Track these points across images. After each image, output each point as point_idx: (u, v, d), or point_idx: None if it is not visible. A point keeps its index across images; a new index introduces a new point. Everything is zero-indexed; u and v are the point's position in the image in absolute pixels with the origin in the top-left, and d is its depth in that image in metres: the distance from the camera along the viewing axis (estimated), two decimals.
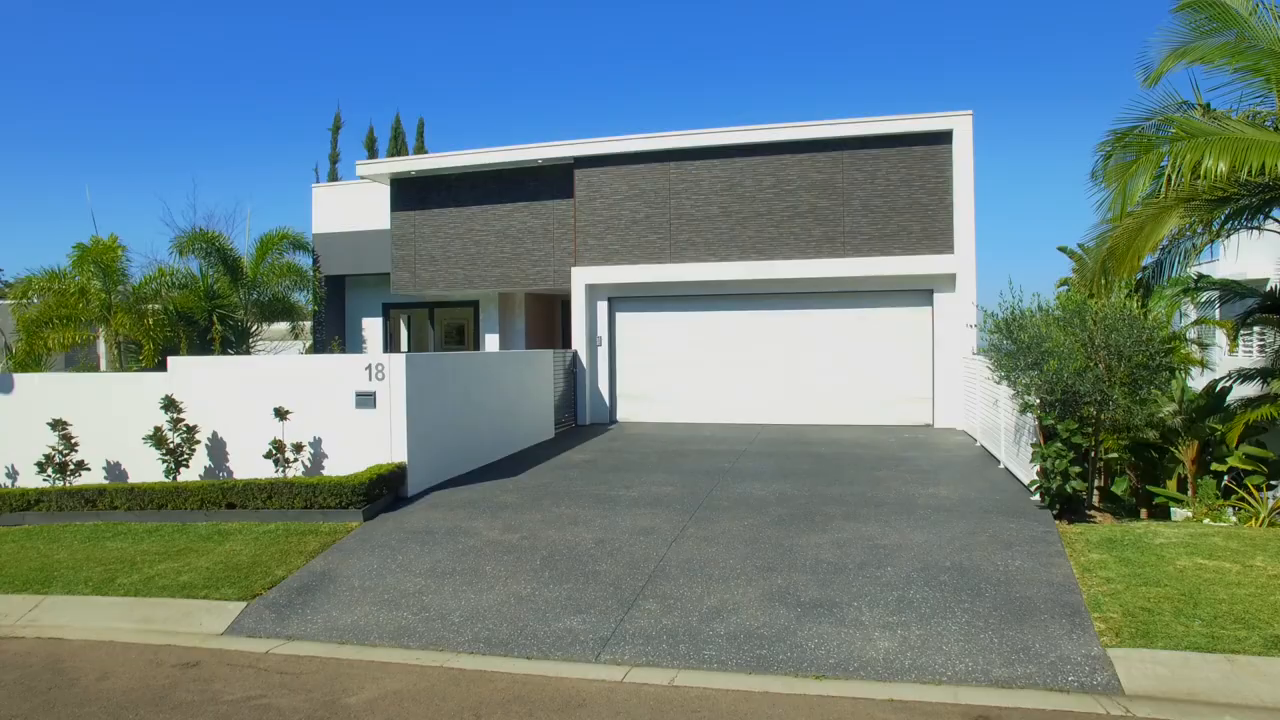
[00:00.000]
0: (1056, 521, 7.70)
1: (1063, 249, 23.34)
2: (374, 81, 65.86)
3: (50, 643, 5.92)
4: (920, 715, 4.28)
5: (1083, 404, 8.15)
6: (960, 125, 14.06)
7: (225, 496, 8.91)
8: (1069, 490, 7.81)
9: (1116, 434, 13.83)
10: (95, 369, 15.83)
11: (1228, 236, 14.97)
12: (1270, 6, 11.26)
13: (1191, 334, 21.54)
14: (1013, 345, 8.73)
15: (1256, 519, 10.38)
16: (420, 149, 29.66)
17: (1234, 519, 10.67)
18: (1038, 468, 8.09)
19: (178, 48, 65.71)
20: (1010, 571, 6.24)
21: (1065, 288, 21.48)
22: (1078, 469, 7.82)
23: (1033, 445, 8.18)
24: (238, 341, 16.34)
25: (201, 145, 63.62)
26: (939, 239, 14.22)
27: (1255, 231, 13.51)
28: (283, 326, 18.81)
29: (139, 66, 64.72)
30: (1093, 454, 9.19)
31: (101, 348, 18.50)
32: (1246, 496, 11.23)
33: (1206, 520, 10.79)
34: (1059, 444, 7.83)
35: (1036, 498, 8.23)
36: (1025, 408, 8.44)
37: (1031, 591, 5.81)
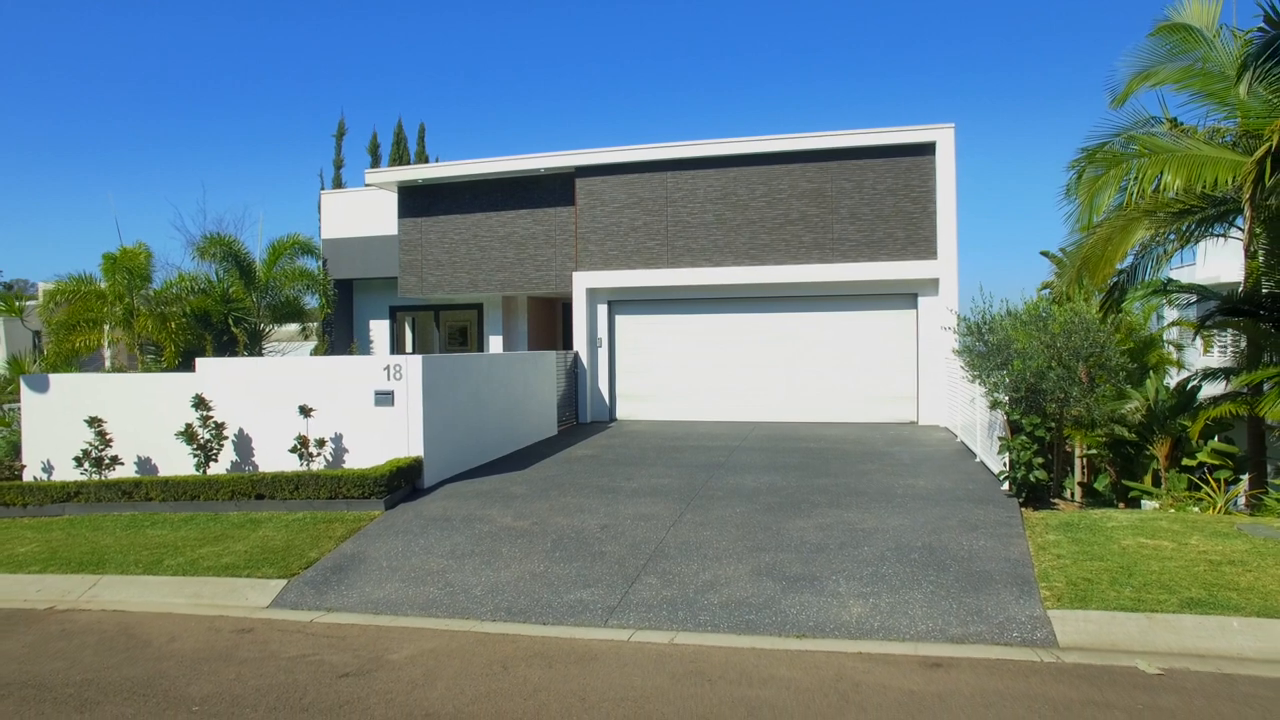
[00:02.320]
0: (1022, 509, 8.42)
1: (1045, 253, 24.12)
2: (375, 85, 66.46)
3: (115, 614, 6.61)
4: (883, 664, 5.01)
5: (1045, 401, 8.88)
6: (943, 137, 14.81)
7: (255, 488, 9.59)
8: (1033, 479, 8.55)
9: (1083, 429, 14.57)
10: (103, 371, 16.47)
11: (1196, 243, 15.74)
12: (1234, 29, 12.03)
13: (1172, 335, 22.31)
14: (984, 347, 9.47)
15: (1214, 508, 11.18)
16: (422, 153, 30.38)
17: (1196, 509, 11.44)
18: (1006, 459, 8.84)
19: (178, 49, 66.22)
20: (974, 550, 6.96)
21: (1048, 291, 22.25)
22: (1040, 460, 8.56)
23: (999, 438, 8.92)
24: (251, 343, 16.99)
25: (206, 146, 64.18)
26: (923, 245, 14.96)
27: (1222, 239, 14.31)
28: (292, 328, 19.46)
29: (138, 67, 65.20)
30: (1057, 446, 9.92)
31: (106, 352, 19.03)
32: (1208, 489, 12.01)
33: (1172, 510, 11.56)
34: (1023, 437, 8.57)
35: (1005, 487, 8.96)
36: (994, 404, 9.19)
37: (990, 566, 6.54)
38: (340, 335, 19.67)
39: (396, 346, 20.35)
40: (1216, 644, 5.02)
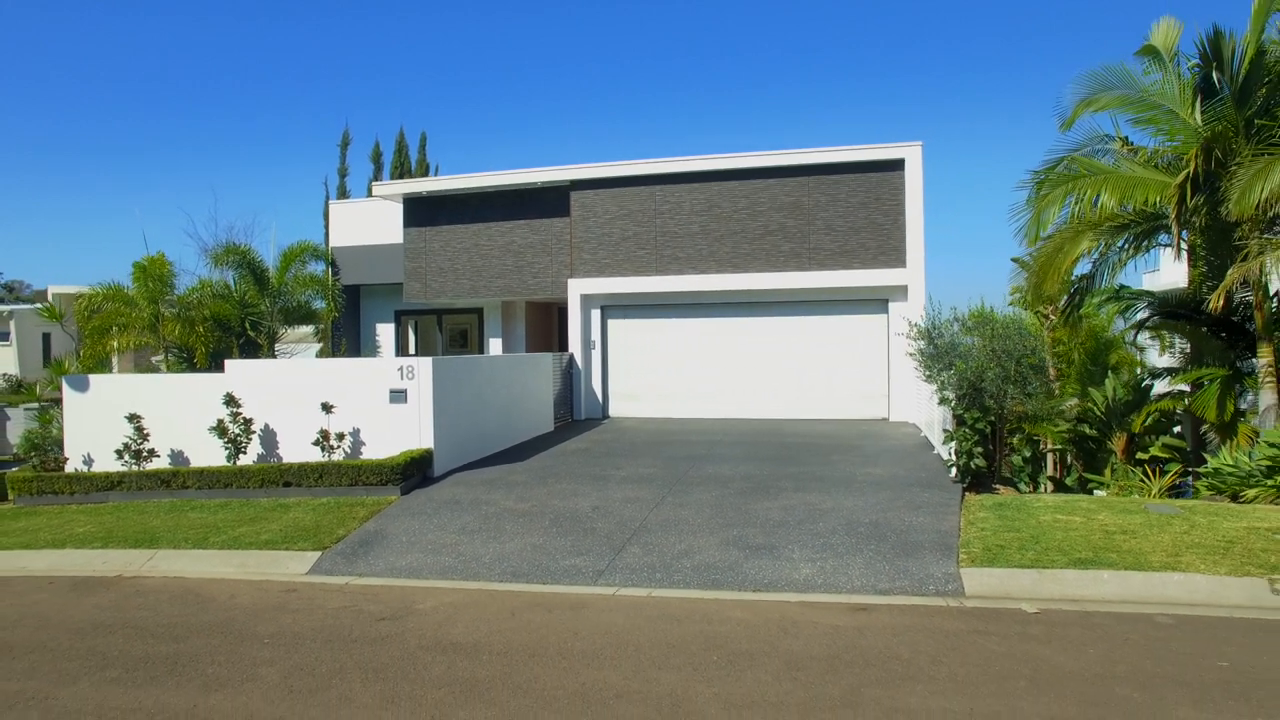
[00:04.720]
0: (965, 492, 9.57)
1: (1015, 259, 25.26)
2: (376, 86, 67.51)
3: (175, 580, 7.72)
4: (820, 609, 6.14)
5: (985, 398, 10.04)
6: (911, 154, 15.97)
7: (283, 476, 10.69)
8: (974, 466, 9.71)
9: (1028, 424, 15.72)
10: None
11: (1146, 252, 16.93)
12: (1186, 55, 13.19)
13: (1138, 335, 23.47)
14: (934, 349, 10.63)
15: (1150, 494, 12.38)
16: (423, 161, 31.52)
17: (1137, 496, 12.64)
18: (952, 448, 9.99)
19: (178, 49, 67.20)
20: (912, 525, 8.10)
21: (1018, 295, 23.41)
22: (980, 449, 9.72)
23: (944, 430, 10.07)
24: (266, 346, 18.11)
25: (208, 147, 65.16)
26: (893, 254, 16.12)
27: (1169, 248, 15.49)
28: (305, 330, 20.57)
29: (138, 67, 66.17)
30: (998, 438, 11.06)
31: (115, 358, 20.03)
32: (1143, 478, 13.21)
33: (1117, 496, 12.75)
34: (966, 429, 9.73)
35: (953, 474, 10.11)
36: (942, 401, 10.34)
37: (923, 538, 7.67)
38: (349, 338, 20.79)
39: (401, 348, 21.45)
40: (1088, 591, 6.18)
